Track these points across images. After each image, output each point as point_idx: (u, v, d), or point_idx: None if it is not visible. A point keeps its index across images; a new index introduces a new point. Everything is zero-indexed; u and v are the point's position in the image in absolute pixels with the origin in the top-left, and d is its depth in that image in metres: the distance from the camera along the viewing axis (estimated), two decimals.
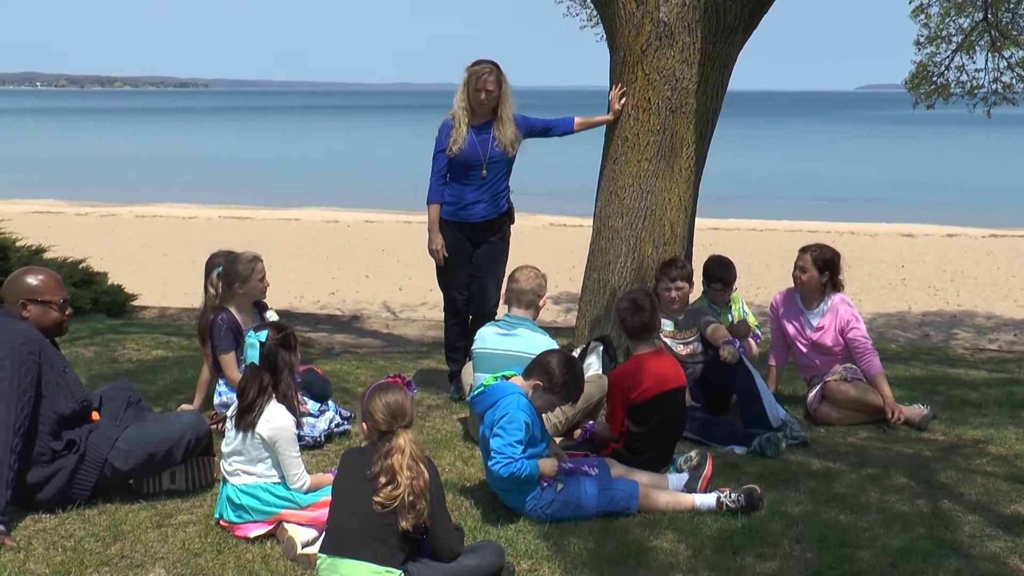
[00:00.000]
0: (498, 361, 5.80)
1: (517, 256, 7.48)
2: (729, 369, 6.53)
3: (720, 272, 7.37)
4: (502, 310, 6.65)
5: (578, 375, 5.33)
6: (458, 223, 7.27)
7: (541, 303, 6.41)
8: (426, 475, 4.13)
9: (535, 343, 6.00)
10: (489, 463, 4.97)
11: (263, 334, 5.04)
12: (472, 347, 6.39)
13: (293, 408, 4.98)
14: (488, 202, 7.25)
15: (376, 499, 4.05)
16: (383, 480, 4.08)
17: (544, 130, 7.43)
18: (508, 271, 6.71)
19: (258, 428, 4.84)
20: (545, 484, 5.02)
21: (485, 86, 7.07)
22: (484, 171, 7.18)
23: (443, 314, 7.64)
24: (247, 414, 4.89)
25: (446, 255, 7.28)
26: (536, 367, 5.26)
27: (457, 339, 7.50)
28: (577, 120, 7.46)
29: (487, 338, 6.26)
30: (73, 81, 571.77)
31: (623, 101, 7.08)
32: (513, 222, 7.53)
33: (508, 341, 6.15)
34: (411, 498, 4.05)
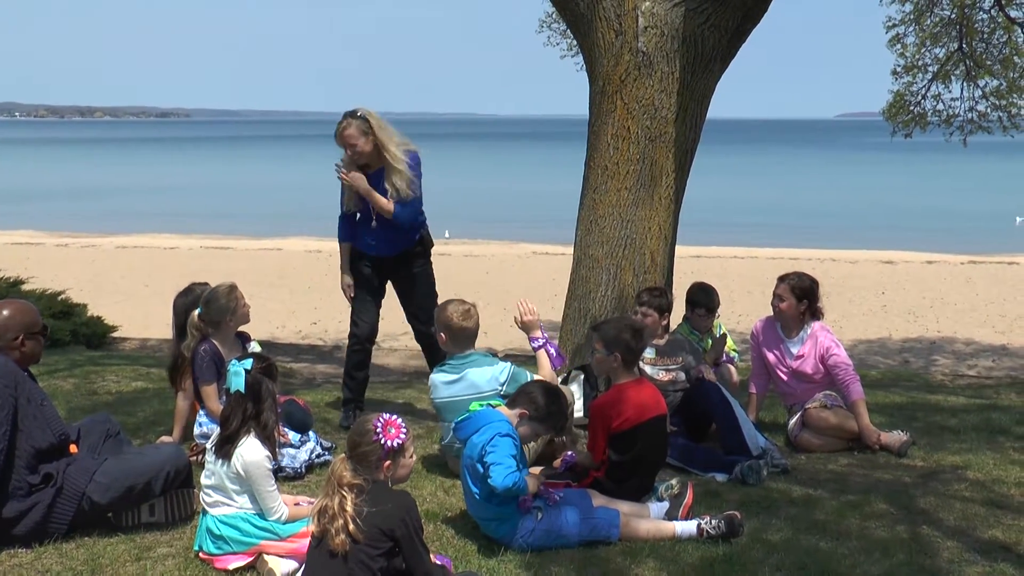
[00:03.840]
0: (457, 407, 5.68)
1: (501, 285, 7.50)
2: (708, 397, 6.55)
3: (703, 298, 7.39)
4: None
5: (562, 405, 5.34)
6: (373, 256, 7.25)
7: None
8: (346, 502, 4.06)
9: (485, 378, 5.99)
10: (491, 476, 4.85)
11: (248, 362, 5.02)
12: (430, 395, 6.28)
13: (272, 438, 4.96)
14: (388, 241, 7.16)
15: (333, 548, 4.03)
16: (327, 517, 4.06)
17: None
18: (473, 294, 6.58)
19: (232, 461, 4.82)
20: (527, 505, 5.00)
21: (347, 141, 6.91)
22: (373, 223, 7.10)
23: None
24: (228, 443, 4.87)
25: (351, 284, 7.31)
26: (521, 396, 5.26)
27: (355, 367, 7.44)
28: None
29: (439, 387, 6.12)
30: (53, 111, 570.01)
31: None
32: (429, 249, 7.40)
33: (458, 387, 6.04)
34: (340, 523, 4.02)
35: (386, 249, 7.19)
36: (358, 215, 7.22)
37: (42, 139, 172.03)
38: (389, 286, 7.47)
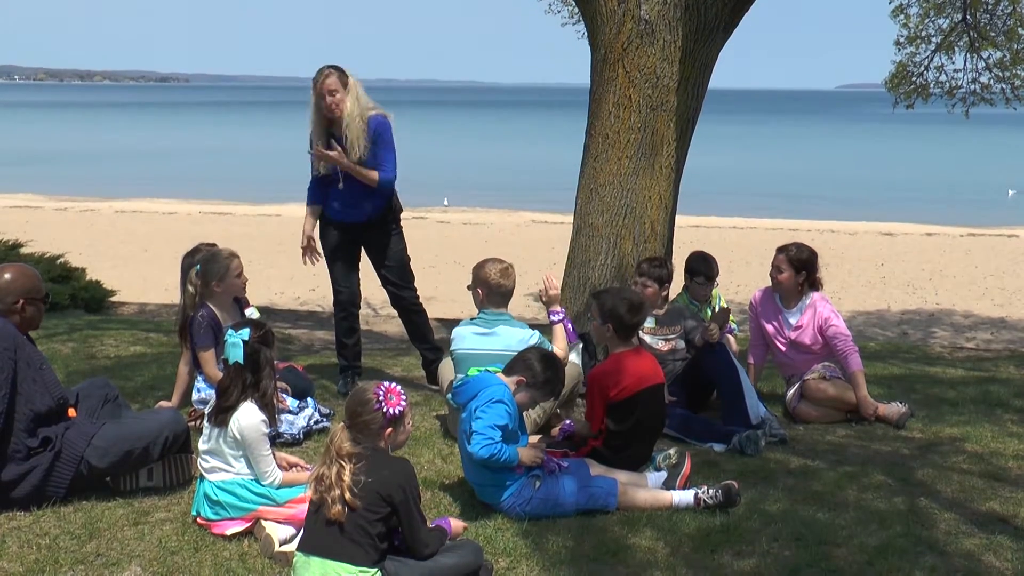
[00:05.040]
0: (480, 360, 5.71)
1: (500, 253, 7.47)
2: (716, 364, 6.53)
3: (703, 267, 7.36)
4: (462, 299, 6.48)
5: (559, 371, 5.35)
6: (333, 221, 7.29)
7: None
8: (344, 471, 4.07)
9: (516, 339, 5.99)
10: (468, 444, 4.93)
11: (245, 332, 5.00)
12: (451, 347, 6.31)
13: (272, 405, 4.96)
14: (354, 206, 7.17)
15: (329, 517, 4.04)
16: (324, 486, 4.08)
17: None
18: (471, 262, 6.54)
19: (229, 425, 4.82)
20: (520, 472, 5.01)
21: (328, 89, 6.89)
22: (340, 184, 7.11)
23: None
24: (224, 412, 4.86)
25: (311, 237, 7.35)
26: (518, 363, 5.26)
27: (345, 335, 7.49)
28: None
29: (466, 338, 6.16)
30: (52, 75, 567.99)
31: None
32: (397, 215, 7.40)
33: (488, 340, 6.08)
34: (337, 492, 4.03)
35: (353, 214, 7.20)
36: (329, 177, 7.22)
37: (41, 103, 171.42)
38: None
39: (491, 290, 6.16)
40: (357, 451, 4.12)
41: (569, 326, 6.24)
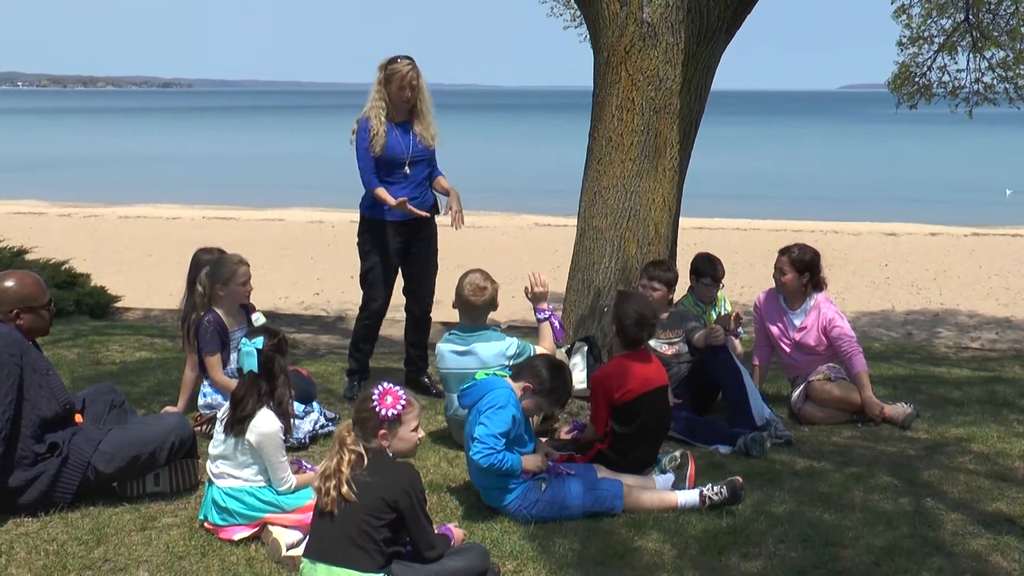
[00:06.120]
0: (461, 379, 5.69)
1: (503, 256, 7.48)
2: (719, 367, 6.53)
3: (708, 268, 7.36)
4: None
5: (566, 380, 5.35)
6: (392, 223, 7.17)
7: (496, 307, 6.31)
8: (342, 462, 4.09)
9: (492, 353, 6.01)
10: (470, 452, 4.94)
11: (259, 341, 4.98)
12: (436, 364, 6.32)
13: (286, 413, 4.97)
14: (418, 197, 7.17)
15: (322, 510, 4.06)
16: (325, 478, 4.11)
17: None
18: (474, 267, 6.52)
19: (246, 434, 4.82)
20: (525, 478, 5.01)
21: (411, 82, 7.00)
22: (406, 168, 7.09)
23: (358, 311, 7.56)
24: (241, 423, 4.86)
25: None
26: (526, 370, 5.27)
27: (364, 340, 7.48)
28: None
29: (447, 357, 6.15)
30: (55, 81, 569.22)
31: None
32: (439, 212, 7.45)
33: (465, 359, 6.06)
34: (334, 482, 4.06)
35: (418, 205, 7.12)
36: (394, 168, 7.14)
37: (45, 108, 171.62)
38: None
39: (461, 303, 6.16)
40: (358, 448, 4.14)
41: (556, 323, 6.23)
